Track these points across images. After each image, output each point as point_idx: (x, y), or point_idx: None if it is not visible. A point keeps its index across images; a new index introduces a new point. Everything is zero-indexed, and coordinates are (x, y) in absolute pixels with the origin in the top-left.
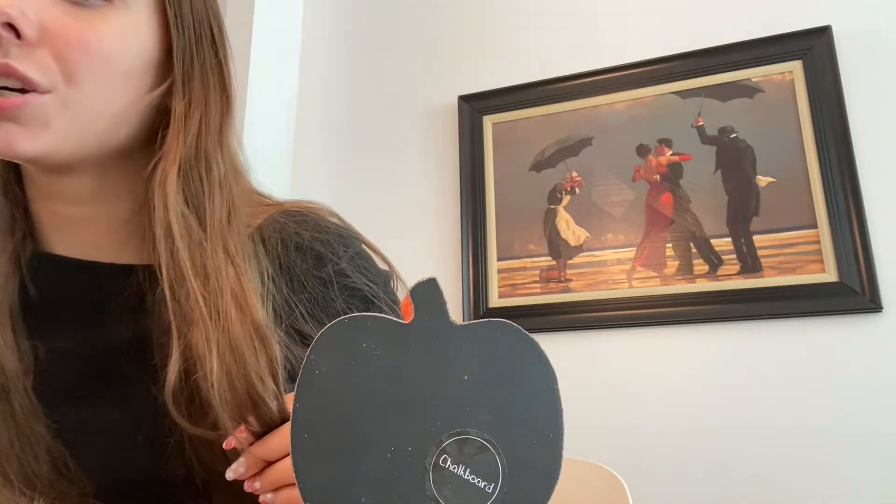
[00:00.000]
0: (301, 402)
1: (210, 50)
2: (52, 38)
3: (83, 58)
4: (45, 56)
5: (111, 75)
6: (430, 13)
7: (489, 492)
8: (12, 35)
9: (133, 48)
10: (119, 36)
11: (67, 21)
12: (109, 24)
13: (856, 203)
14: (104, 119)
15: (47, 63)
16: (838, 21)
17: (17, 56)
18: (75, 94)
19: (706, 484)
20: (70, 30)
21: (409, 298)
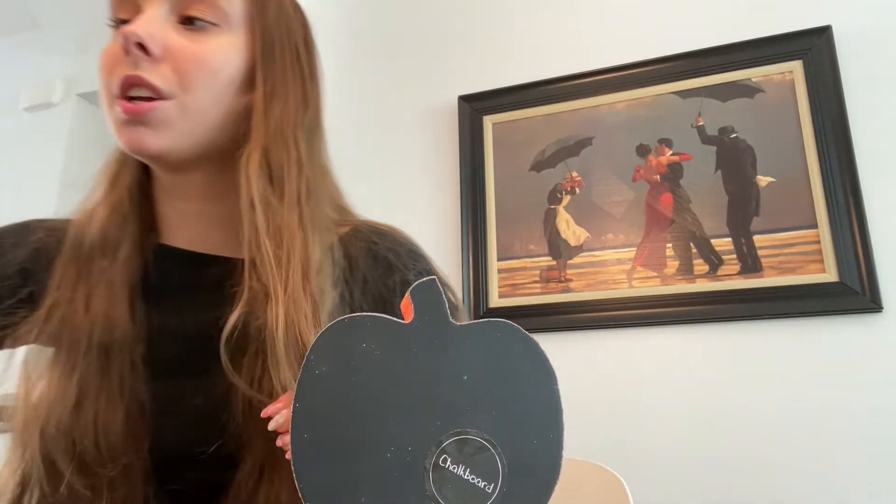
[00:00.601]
0: (301, 402)
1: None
2: (172, 55)
3: (197, 70)
4: (167, 69)
5: (218, 84)
6: (430, 13)
7: (489, 492)
8: (142, 53)
9: (233, 61)
10: (223, 52)
11: (183, 41)
12: (215, 42)
13: (856, 203)
14: (212, 121)
15: (169, 75)
16: (838, 21)
17: (146, 69)
18: (191, 100)
19: (706, 484)
20: (186, 48)
21: (409, 298)
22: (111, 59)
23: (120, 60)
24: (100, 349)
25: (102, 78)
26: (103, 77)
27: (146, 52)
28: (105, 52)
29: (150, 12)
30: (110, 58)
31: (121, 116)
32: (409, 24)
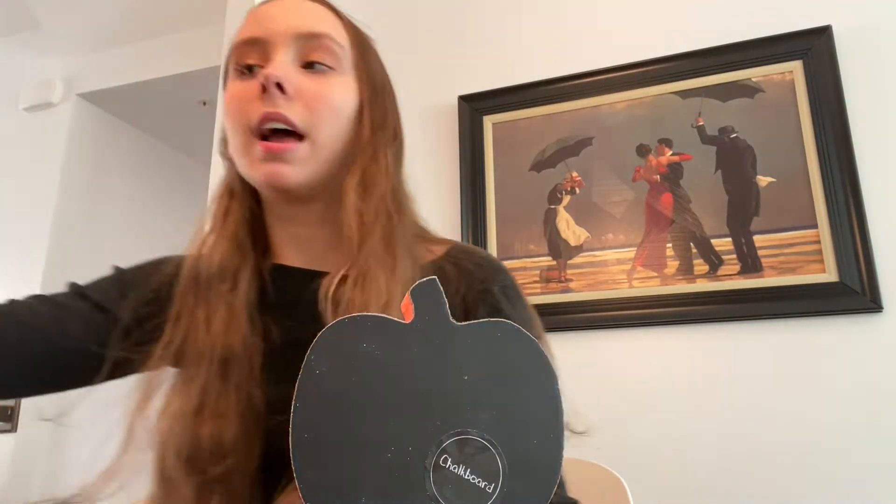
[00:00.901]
0: (301, 402)
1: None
2: (302, 94)
3: (324, 108)
4: (300, 107)
5: (340, 120)
6: (430, 14)
7: (489, 492)
8: (279, 91)
9: (349, 100)
10: (342, 92)
11: (310, 83)
12: (336, 84)
13: (856, 203)
14: (334, 154)
15: (302, 112)
16: (838, 21)
17: (283, 106)
18: (320, 136)
19: (706, 483)
20: (314, 89)
21: (409, 298)
22: (243, 100)
23: (253, 100)
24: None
25: (235, 117)
26: (236, 116)
27: (283, 90)
28: (233, 94)
29: (280, 58)
30: (241, 98)
31: (259, 154)
32: (408, 25)
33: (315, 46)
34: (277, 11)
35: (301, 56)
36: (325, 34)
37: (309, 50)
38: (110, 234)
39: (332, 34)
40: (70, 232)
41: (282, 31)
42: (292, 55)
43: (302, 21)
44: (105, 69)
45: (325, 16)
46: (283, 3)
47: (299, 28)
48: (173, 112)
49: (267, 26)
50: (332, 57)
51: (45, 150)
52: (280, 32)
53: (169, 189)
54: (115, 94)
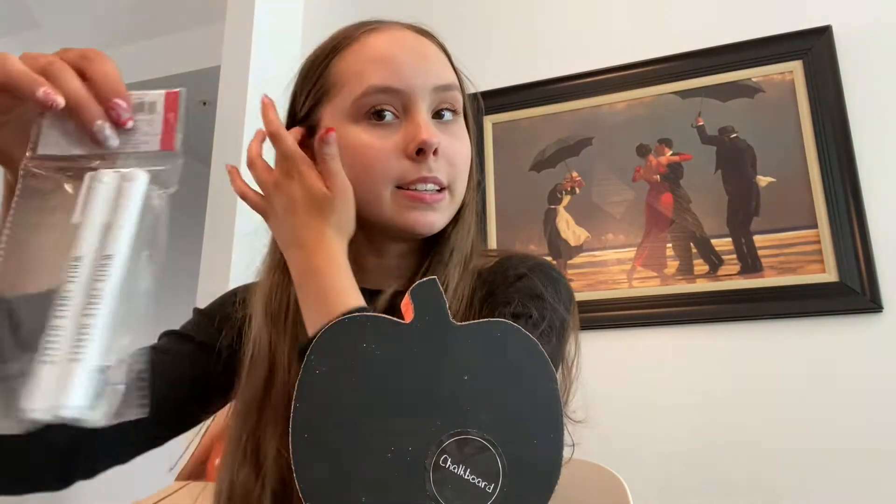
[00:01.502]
0: (301, 402)
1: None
2: (444, 152)
3: (462, 161)
4: (444, 164)
5: (468, 169)
6: (430, 13)
7: (489, 492)
8: (434, 156)
9: (470, 150)
10: (467, 141)
11: (450, 140)
12: (463, 132)
13: (856, 203)
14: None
15: (446, 169)
16: (838, 21)
17: (435, 169)
18: (457, 186)
19: (706, 483)
20: (455, 145)
21: (409, 298)
22: (386, 154)
23: (399, 156)
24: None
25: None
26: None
27: (435, 154)
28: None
29: (423, 116)
30: (385, 152)
31: (408, 203)
32: None
33: (446, 98)
34: (409, 57)
35: (433, 108)
36: (454, 86)
37: (441, 101)
38: None
39: (456, 84)
40: None
41: (421, 85)
42: (426, 107)
43: (436, 71)
44: None
45: (443, 59)
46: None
47: (437, 81)
48: None
49: (404, 77)
50: (457, 106)
51: None
52: (419, 86)
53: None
54: None
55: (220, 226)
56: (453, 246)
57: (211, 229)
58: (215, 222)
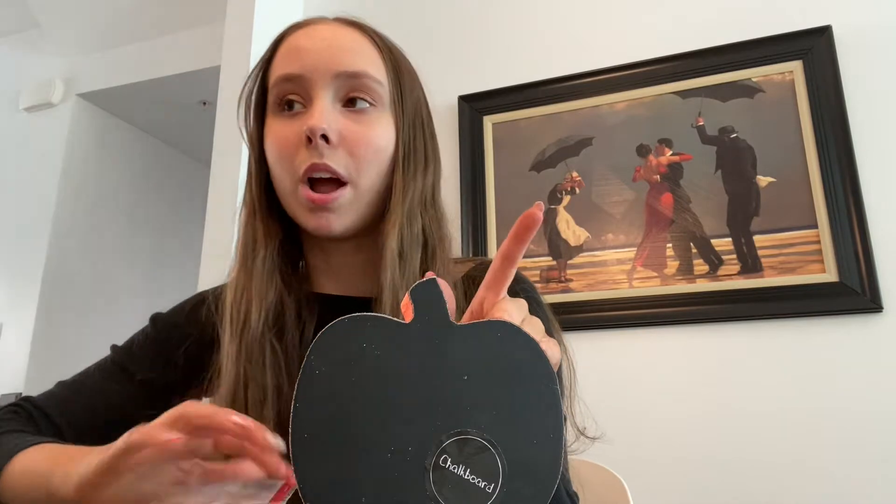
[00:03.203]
0: (301, 402)
1: (421, 133)
2: (346, 140)
3: (368, 151)
4: (344, 154)
5: (381, 161)
6: (430, 13)
7: (489, 492)
8: (324, 142)
9: (390, 140)
10: (383, 131)
11: (354, 126)
12: (377, 122)
13: (856, 203)
14: (374, 196)
15: (346, 159)
16: (838, 21)
17: (328, 156)
18: (363, 181)
19: (706, 483)
20: (358, 133)
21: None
22: (291, 145)
23: (299, 147)
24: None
25: (283, 162)
26: (284, 161)
27: (327, 141)
28: (280, 136)
29: (322, 103)
30: (289, 144)
31: (305, 204)
32: (408, 25)
33: (355, 85)
34: (316, 45)
35: (342, 94)
36: (364, 73)
37: (349, 89)
38: (110, 234)
39: (370, 72)
40: (70, 231)
41: (321, 69)
42: (332, 94)
43: (342, 58)
44: (105, 69)
45: (363, 47)
46: (321, 34)
47: (339, 67)
48: (173, 112)
49: (305, 62)
50: (372, 95)
51: (45, 150)
52: (319, 70)
53: (169, 189)
54: (115, 94)
55: (220, 226)
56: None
57: (211, 229)
58: (215, 222)
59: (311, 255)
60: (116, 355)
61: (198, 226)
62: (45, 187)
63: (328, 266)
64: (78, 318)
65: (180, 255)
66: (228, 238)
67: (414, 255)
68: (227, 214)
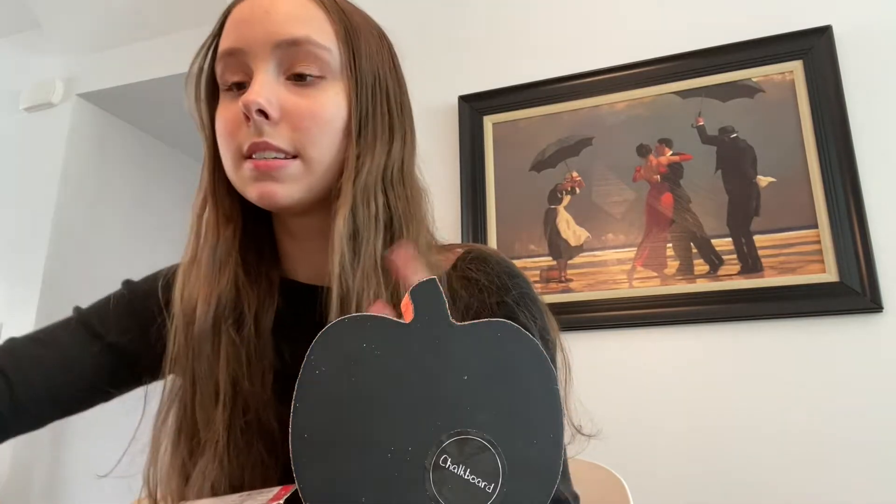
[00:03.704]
0: (301, 402)
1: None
2: (289, 114)
3: (313, 124)
4: (287, 129)
5: (331, 134)
6: (430, 14)
7: (489, 492)
8: (263, 118)
9: (340, 110)
10: (332, 103)
11: (297, 100)
12: (325, 94)
13: (856, 203)
14: (327, 170)
15: (290, 134)
16: (838, 21)
17: (269, 133)
18: (312, 154)
19: (706, 484)
20: (301, 106)
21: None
22: (232, 123)
23: (241, 124)
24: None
25: (225, 140)
26: (226, 140)
27: (266, 117)
28: (224, 116)
29: (262, 76)
30: (231, 122)
31: (250, 174)
32: (409, 25)
33: (298, 55)
34: (255, 15)
35: (285, 67)
36: (306, 39)
37: (292, 60)
38: (110, 234)
39: (313, 37)
40: (70, 232)
41: (260, 41)
42: (274, 67)
43: (280, 26)
44: (105, 69)
45: (307, 11)
46: (261, 2)
47: (278, 35)
48: (173, 112)
49: (244, 34)
50: (319, 63)
51: (45, 150)
52: (258, 42)
53: (169, 189)
54: (115, 94)
55: None
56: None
57: None
58: None
59: (283, 240)
60: (83, 316)
61: None
62: (45, 187)
63: (301, 251)
64: None
65: (180, 254)
66: None
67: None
68: None
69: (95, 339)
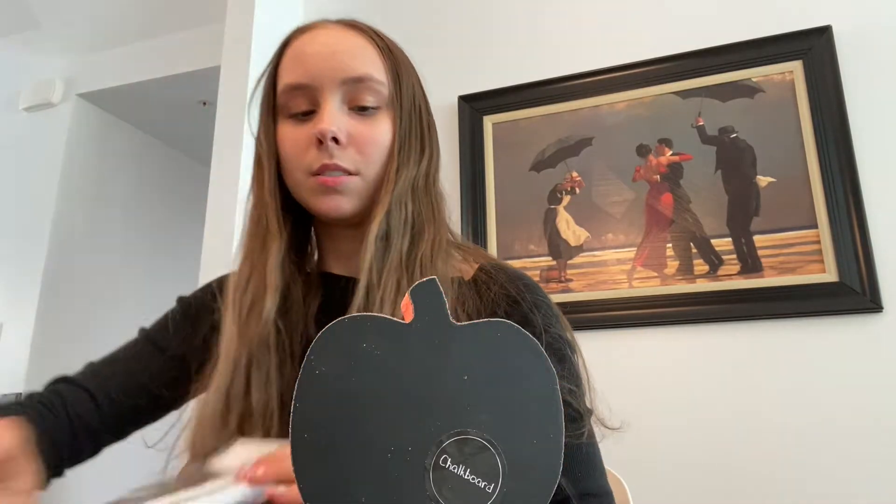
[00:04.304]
0: (301, 402)
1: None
2: (354, 140)
3: (374, 149)
4: (352, 152)
5: (384, 156)
6: (431, 13)
7: (489, 492)
8: (335, 143)
9: (389, 134)
10: (385, 129)
11: (360, 127)
12: (380, 122)
13: (856, 203)
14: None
15: (354, 157)
16: (838, 21)
17: (338, 156)
18: (370, 173)
19: (706, 483)
20: (364, 133)
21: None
22: (302, 144)
23: (310, 147)
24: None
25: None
26: (295, 160)
27: (337, 142)
28: (293, 138)
29: (331, 107)
30: (300, 144)
31: (318, 189)
32: (409, 25)
33: (360, 89)
34: (320, 52)
35: (348, 99)
36: (367, 77)
37: (355, 93)
38: (110, 234)
39: (373, 74)
40: (70, 232)
41: (328, 77)
42: (340, 99)
43: (347, 64)
44: (105, 69)
45: (365, 51)
46: (324, 40)
47: (345, 73)
48: (173, 112)
49: (311, 71)
50: (376, 96)
51: (45, 150)
52: (326, 78)
53: (169, 189)
54: (115, 94)
55: (220, 226)
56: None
57: (211, 229)
58: (215, 222)
59: (323, 239)
60: (147, 334)
61: (198, 225)
62: (45, 187)
63: (337, 250)
64: (78, 318)
65: (180, 254)
66: (228, 238)
67: (400, 239)
68: (226, 214)
69: (160, 352)
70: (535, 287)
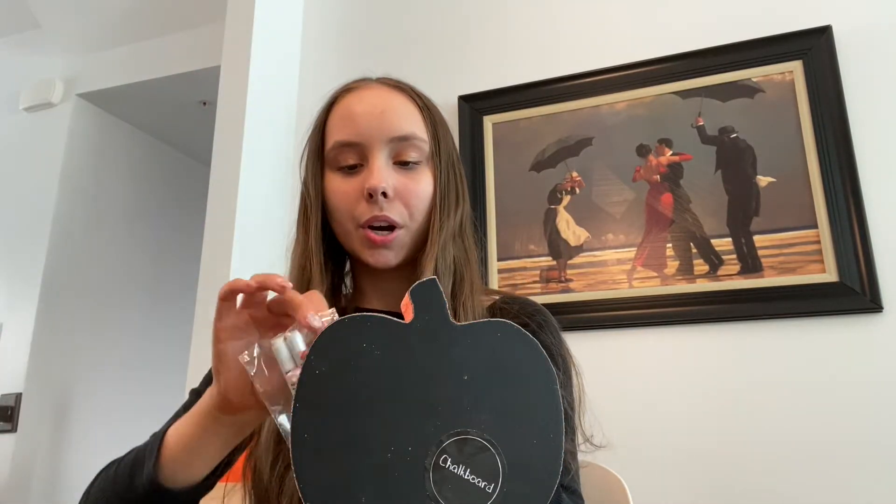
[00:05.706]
0: (301, 402)
1: (454, 175)
2: (401, 194)
3: (418, 202)
4: (399, 205)
5: (427, 209)
6: (430, 13)
7: (489, 492)
8: (383, 197)
9: (431, 187)
10: (427, 183)
11: (406, 182)
12: (423, 176)
13: (856, 203)
14: (421, 234)
15: (401, 209)
16: (838, 21)
17: (387, 209)
18: (414, 225)
19: (706, 483)
20: (410, 187)
21: (409, 298)
22: (352, 197)
23: (359, 199)
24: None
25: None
26: (345, 211)
27: (385, 196)
28: (342, 190)
29: (379, 164)
30: (350, 196)
31: (366, 242)
32: (409, 25)
33: (406, 147)
34: (368, 111)
35: (394, 154)
36: (412, 135)
37: (400, 150)
38: (110, 235)
39: (417, 133)
40: (70, 232)
41: (376, 136)
42: (387, 155)
43: (394, 124)
44: (105, 69)
45: (409, 111)
46: (371, 100)
47: (392, 132)
48: (173, 112)
49: (361, 130)
50: (419, 152)
51: (45, 150)
52: (374, 136)
53: (169, 189)
54: (115, 94)
55: (220, 226)
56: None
57: (211, 229)
58: (215, 222)
59: (362, 279)
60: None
61: (198, 226)
62: (45, 187)
63: (376, 289)
64: (78, 319)
65: (180, 254)
66: (228, 238)
67: (446, 281)
68: (227, 214)
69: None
70: (544, 312)
